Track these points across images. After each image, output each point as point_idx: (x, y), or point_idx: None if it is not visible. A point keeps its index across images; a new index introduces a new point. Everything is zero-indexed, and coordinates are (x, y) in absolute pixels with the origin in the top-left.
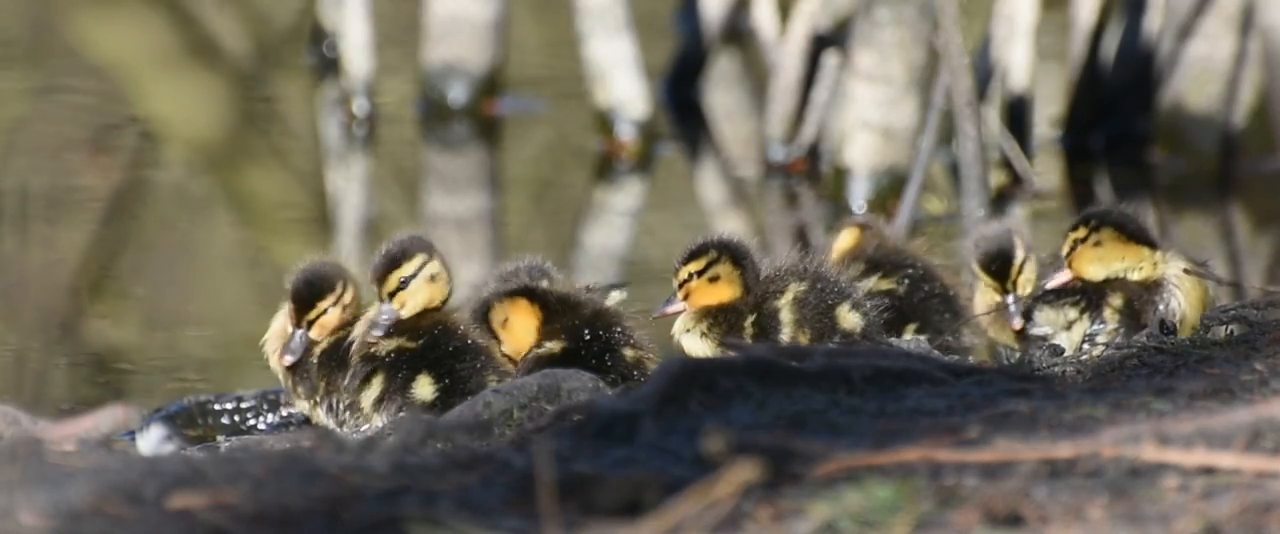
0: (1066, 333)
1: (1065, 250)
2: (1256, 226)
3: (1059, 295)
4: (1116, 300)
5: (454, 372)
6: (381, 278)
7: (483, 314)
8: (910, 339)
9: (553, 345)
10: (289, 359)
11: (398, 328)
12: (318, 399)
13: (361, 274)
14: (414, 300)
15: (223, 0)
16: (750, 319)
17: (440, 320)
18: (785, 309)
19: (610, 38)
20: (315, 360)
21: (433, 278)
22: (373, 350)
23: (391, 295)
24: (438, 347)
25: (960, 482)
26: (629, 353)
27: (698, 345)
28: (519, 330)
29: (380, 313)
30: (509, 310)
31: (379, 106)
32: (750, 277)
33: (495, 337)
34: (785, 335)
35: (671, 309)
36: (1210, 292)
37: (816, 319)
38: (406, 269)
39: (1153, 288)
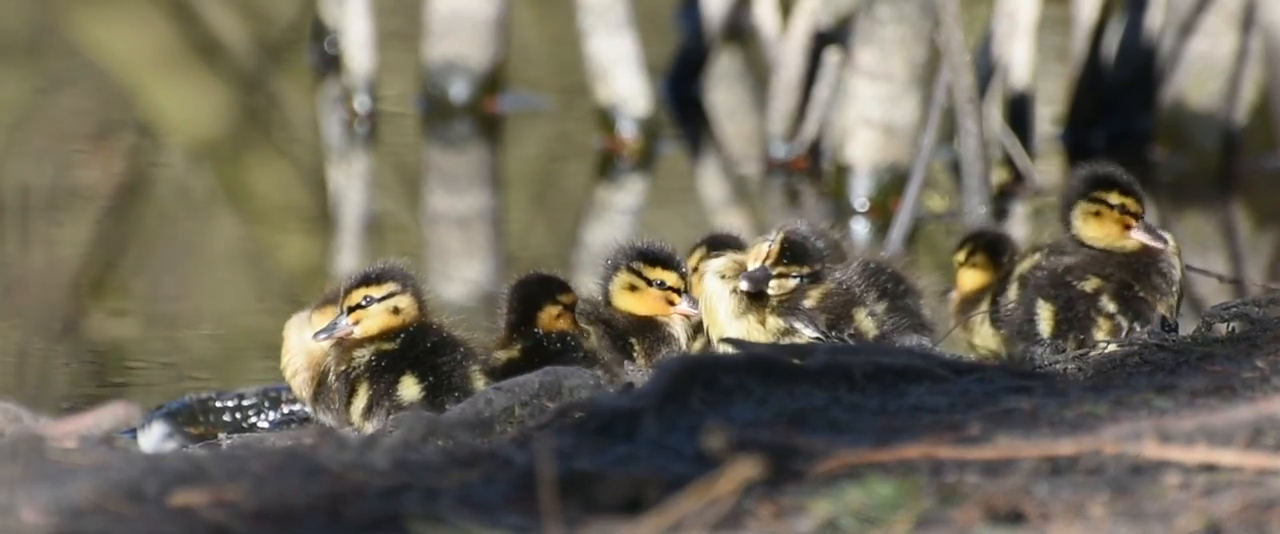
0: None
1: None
2: (1258, 224)
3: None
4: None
5: (437, 368)
6: (349, 291)
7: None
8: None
9: (510, 352)
10: (320, 338)
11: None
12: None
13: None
14: (369, 323)
15: None
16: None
17: (411, 322)
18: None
19: (612, 35)
20: (333, 380)
21: (395, 310)
22: (352, 362)
23: (350, 310)
24: (416, 344)
25: (962, 479)
26: (588, 341)
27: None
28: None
29: (335, 322)
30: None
31: (380, 104)
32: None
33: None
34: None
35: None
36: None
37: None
38: (374, 292)
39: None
